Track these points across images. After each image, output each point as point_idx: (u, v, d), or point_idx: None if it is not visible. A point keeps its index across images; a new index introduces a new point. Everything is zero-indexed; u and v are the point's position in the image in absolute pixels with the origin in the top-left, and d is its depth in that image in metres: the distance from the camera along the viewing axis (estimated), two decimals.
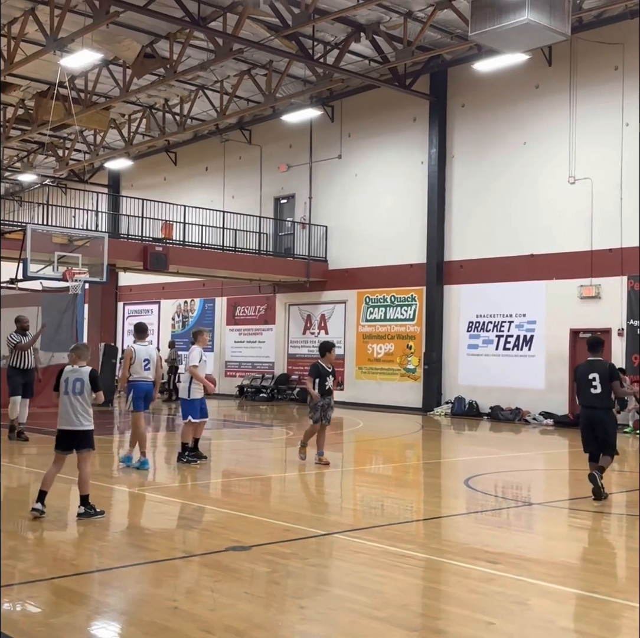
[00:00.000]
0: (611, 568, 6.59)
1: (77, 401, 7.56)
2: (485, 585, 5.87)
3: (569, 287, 19.83)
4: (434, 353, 22.45)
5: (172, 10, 18.26)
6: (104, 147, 29.87)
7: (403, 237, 23.40)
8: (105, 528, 7.88)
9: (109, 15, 17.58)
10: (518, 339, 20.89)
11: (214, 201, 28.03)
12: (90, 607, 5.29)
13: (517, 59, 18.70)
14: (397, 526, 8.01)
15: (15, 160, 33.17)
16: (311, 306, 26.18)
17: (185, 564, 6.29)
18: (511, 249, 21.06)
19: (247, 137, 28.01)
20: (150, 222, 24.60)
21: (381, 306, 24.18)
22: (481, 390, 21.41)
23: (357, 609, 5.24)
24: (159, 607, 5.24)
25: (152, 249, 22.59)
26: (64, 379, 7.65)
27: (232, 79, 23.88)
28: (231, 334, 28.83)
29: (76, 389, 7.57)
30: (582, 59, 19.73)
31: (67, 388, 7.63)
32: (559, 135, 20.10)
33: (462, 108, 22.35)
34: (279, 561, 6.35)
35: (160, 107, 26.70)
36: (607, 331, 19.15)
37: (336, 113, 25.32)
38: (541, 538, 7.88)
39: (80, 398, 7.60)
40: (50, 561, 6.44)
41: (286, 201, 27.30)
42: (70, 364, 7.82)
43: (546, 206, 20.33)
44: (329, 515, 8.54)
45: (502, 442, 16.67)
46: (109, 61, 22.46)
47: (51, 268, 19.41)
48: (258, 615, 5.17)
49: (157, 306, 31.64)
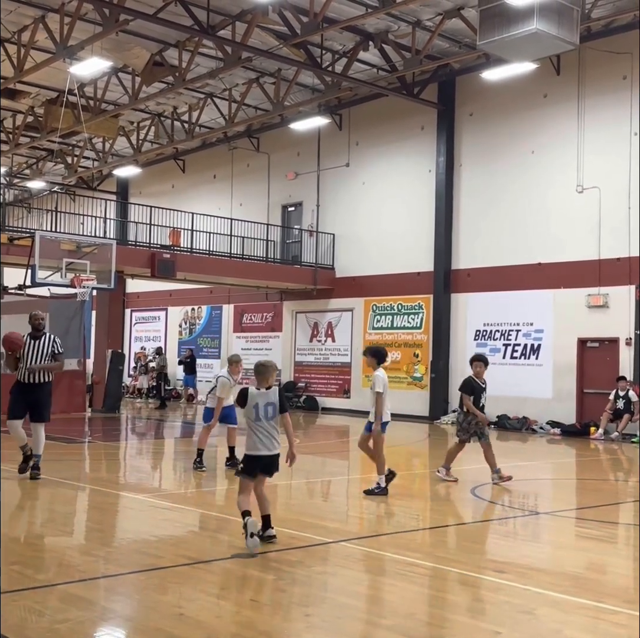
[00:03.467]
0: (618, 578, 6.56)
1: (271, 425, 7.11)
2: (492, 594, 5.85)
3: (577, 296, 19.79)
4: (441, 361, 22.41)
5: (182, 19, 18.34)
6: (113, 154, 29.98)
7: (410, 246, 23.40)
8: (111, 535, 7.88)
9: (119, 23, 17.67)
10: (525, 348, 20.84)
11: (222, 209, 28.09)
12: (96, 613, 5.28)
13: (526, 68, 18.72)
14: (404, 535, 7.99)
15: (25, 167, 33.33)
16: (318, 313, 26.18)
17: (191, 571, 6.28)
18: (519, 258, 21.03)
19: (255, 145, 28.08)
20: (158, 230, 24.67)
21: (388, 314, 24.17)
22: (488, 399, 21.03)
23: (363, 617, 5.22)
24: (165, 614, 5.23)
25: (160, 256, 22.64)
26: (253, 405, 7.08)
27: (240, 87, 23.96)
28: (238, 341, 28.84)
29: (269, 414, 7.10)
30: (590, 68, 19.73)
31: (258, 414, 7.07)
32: (567, 144, 20.10)
33: (470, 117, 22.36)
34: (284, 568, 6.34)
35: (168, 115, 26.80)
36: (614, 341, 19.11)
37: (344, 121, 25.38)
38: (548, 547, 7.85)
39: (273, 421, 7.17)
40: (56, 567, 6.44)
41: (294, 208, 27.34)
42: (257, 388, 7.20)
43: (554, 215, 20.32)
44: (335, 522, 8.53)
45: (509, 451, 16.60)
46: (118, 69, 22.58)
47: (59, 275, 19.48)
48: (264, 622, 5.16)
49: (165, 313, 31.69)
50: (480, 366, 10.81)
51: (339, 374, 25.36)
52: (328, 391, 25.59)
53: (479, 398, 10.70)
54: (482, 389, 10.67)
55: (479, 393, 10.70)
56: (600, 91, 19.61)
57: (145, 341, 32.01)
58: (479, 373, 10.78)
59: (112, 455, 14.65)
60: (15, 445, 10.57)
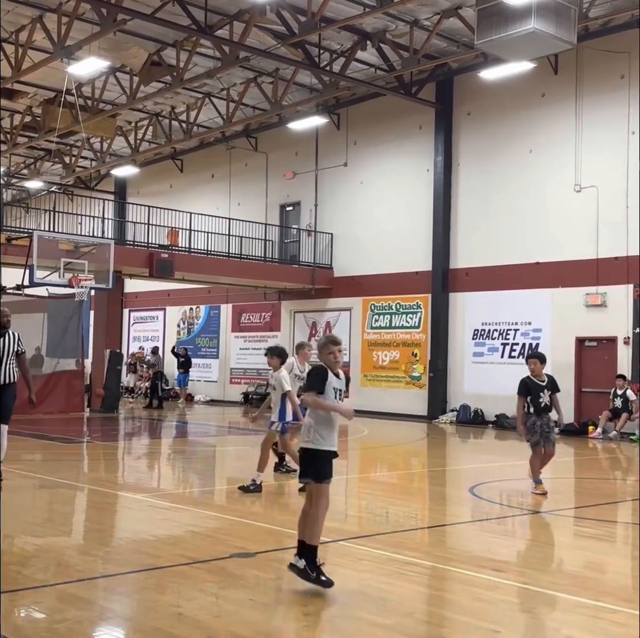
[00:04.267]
0: (617, 577, 6.56)
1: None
2: (491, 593, 5.85)
3: (575, 295, 19.80)
4: (440, 360, 22.42)
5: (179, 19, 18.33)
6: (111, 154, 29.96)
7: (409, 245, 23.41)
8: (110, 534, 7.88)
9: (116, 23, 17.66)
10: (524, 347, 20.85)
11: (220, 208, 28.08)
12: (94, 613, 5.28)
13: (523, 68, 18.73)
14: (402, 534, 7.99)
15: (22, 167, 33.30)
16: (316, 313, 26.19)
17: (189, 570, 6.28)
18: (517, 257, 21.05)
19: (253, 145, 28.08)
20: (156, 229, 24.66)
21: (386, 314, 24.17)
22: (486, 398, 21.37)
23: (362, 617, 5.22)
24: (164, 613, 5.23)
25: (158, 256, 22.63)
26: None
27: (238, 87, 23.96)
28: (236, 341, 28.84)
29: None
30: (588, 68, 19.74)
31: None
32: (564, 143, 20.11)
33: (468, 116, 22.37)
34: (283, 568, 6.33)
35: (166, 115, 26.79)
36: (613, 340, 19.12)
37: (342, 121, 25.37)
38: (546, 546, 7.85)
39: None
40: (54, 567, 6.43)
41: (292, 208, 27.34)
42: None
43: (552, 214, 20.33)
44: (333, 522, 8.52)
45: (507, 450, 16.62)
46: (116, 69, 22.56)
47: (57, 275, 19.47)
48: (263, 622, 5.16)
49: (163, 312, 31.69)
50: (535, 363, 10.09)
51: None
52: None
53: (537, 396, 9.87)
54: (540, 387, 9.90)
55: (537, 392, 9.88)
56: (597, 90, 19.62)
57: (143, 341, 32.00)
58: (533, 371, 10.06)
59: (110, 455, 14.65)
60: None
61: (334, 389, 5.92)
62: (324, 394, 5.85)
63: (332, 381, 5.90)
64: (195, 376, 28.98)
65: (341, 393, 6.02)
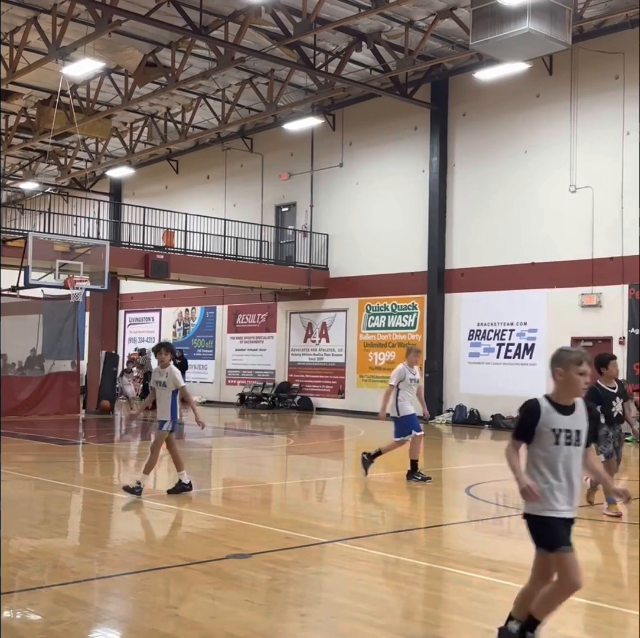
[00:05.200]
0: (613, 577, 6.57)
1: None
2: (486, 593, 5.85)
3: (570, 295, 19.83)
4: (435, 361, 22.43)
5: (174, 20, 18.32)
6: (106, 155, 29.93)
7: (404, 246, 23.42)
8: (106, 536, 7.87)
9: (111, 24, 17.64)
10: (519, 347, 20.88)
11: (216, 209, 28.07)
12: (90, 615, 5.27)
13: (518, 68, 18.75)
14: (398, 534, 7.99)
15: (17, 168, 33.24)
16: (312, 314, 26.19)
17: (185, 572, 6.28)
18: (512, 258, 21.07)
19: (248, 146, 28.07)
20: (151, 230, 24.63)
21: (382, 314, 24.18)
22: (482, 399, 21.38)
23: (358, 617, 5.22)
24: (160, 615, 5.23)
25: (154, 257, 22.61)
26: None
27: (233, 88, 23.95)
28: (232, 342, 28.83)
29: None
30: (582, 68, 19.77)
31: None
32: (559, 144, 20.14)
33: (463, 117, 22.39)
34: (279, 569, 6.34)
35: (162, 116, 26.77)
36: (608, 340, 19.14)
37: (337, 122, 25.38)
38: None
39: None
40: (50, 568, 6.42)
41: (287, 209, 27.34)
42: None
43: (547, 214, 20.36)
44: (329, 522, 8.53)
45: (503, 450, 16.64)
46: (111, 70, 22.53)
47: (52, 276, 19.43)
48: (259, 622, 5.15)
49: (158, 314, 31.65)
50: (615, 364, 9.01)
51: (333, 374, 25.36)
52: (322, 391, 25.59)
53: (609, 405, 8.77)
54: (611, 395, 8.78)
55: (608, 401, 8.77)
56: (592, 91, 19.65)
57: (139, 342, 31.96)
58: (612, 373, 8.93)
59: (106, 457, 14.63)
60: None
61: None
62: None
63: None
64: (191, 377, 28.94)
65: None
